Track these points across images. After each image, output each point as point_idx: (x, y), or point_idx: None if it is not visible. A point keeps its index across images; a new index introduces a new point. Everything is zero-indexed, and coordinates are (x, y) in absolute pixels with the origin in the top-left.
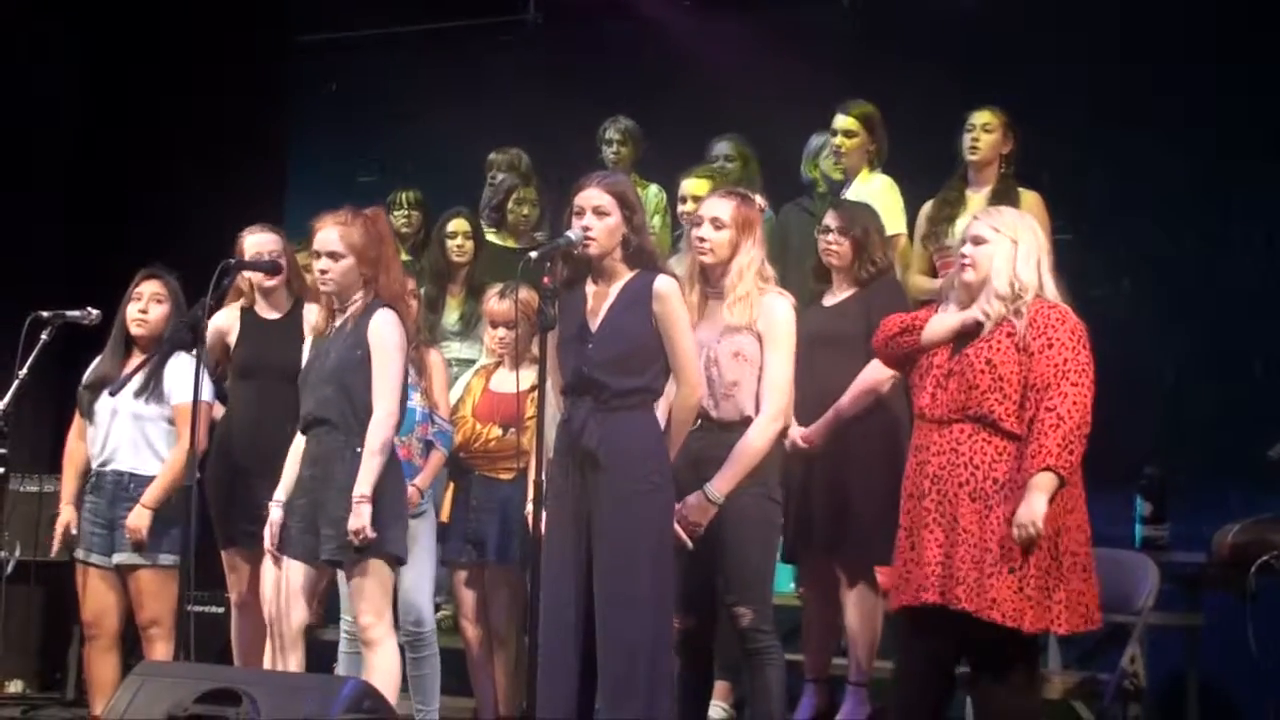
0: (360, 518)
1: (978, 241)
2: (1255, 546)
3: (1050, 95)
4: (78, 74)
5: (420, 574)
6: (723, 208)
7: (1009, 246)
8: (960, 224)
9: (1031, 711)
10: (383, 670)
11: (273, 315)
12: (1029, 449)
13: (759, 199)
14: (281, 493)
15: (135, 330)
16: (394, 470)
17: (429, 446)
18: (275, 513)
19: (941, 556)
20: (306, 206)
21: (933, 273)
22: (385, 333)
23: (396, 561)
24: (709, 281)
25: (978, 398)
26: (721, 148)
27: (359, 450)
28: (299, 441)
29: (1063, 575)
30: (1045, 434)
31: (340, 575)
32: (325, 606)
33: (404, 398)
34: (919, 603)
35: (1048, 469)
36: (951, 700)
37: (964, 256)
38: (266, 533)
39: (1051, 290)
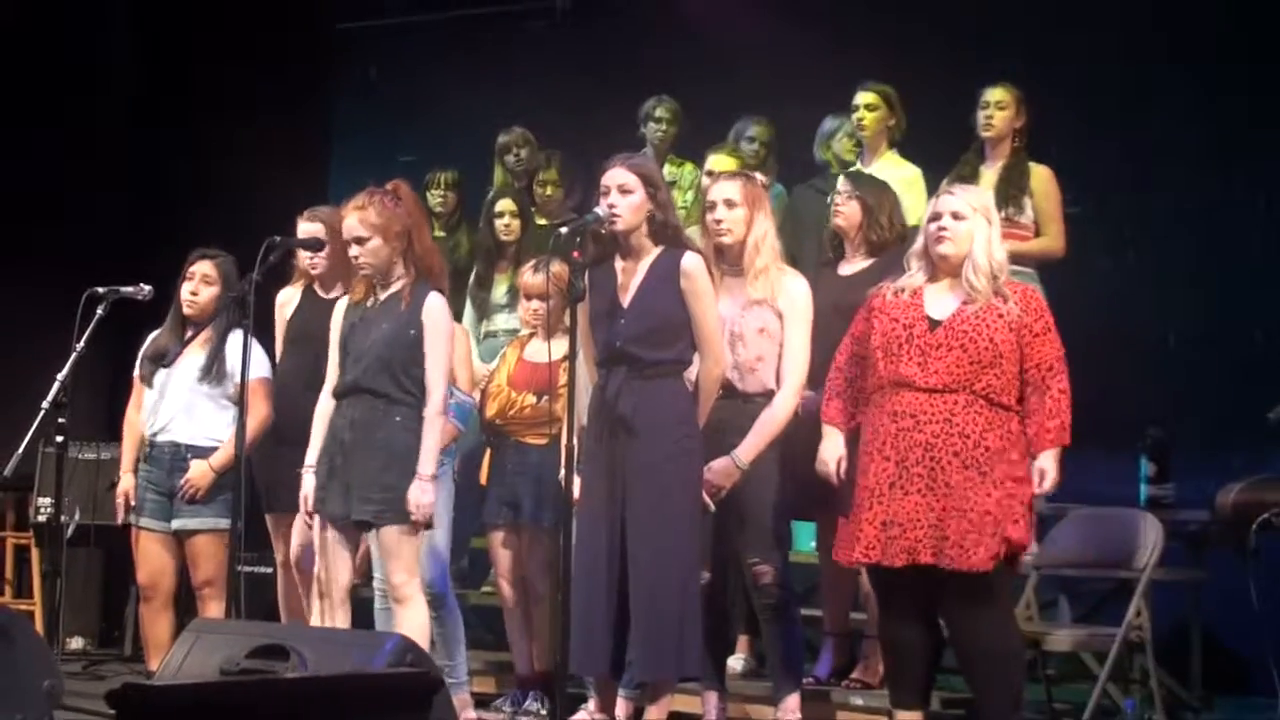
0: (427, 494)
1: (957, 217)
2: (1256, 505)
3: (1058, 69)
4: (130, 60)
5: (436, 535)
6: (732, 189)
7: (985, 226)
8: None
9: (1018, 646)
10: (413, 627)
11: (328, 295)
12: (1048, 423)
13: (760, 176)
14: (311, 457)
15: (187, 311)
16: None
17: None
18: (309, 479)
19: (934, 520)
20: (348, 186)
21: None
22: (440, 318)
23: (426, 525)
24: (726, 260)
25: (978, 371)
26: (750, 131)
27: (397, 419)
28: (327, 406)
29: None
30: (1064, 412)
31: (371, 535)
32: (368, 564)
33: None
34: (909, 564)
35: (1059, 444)
36: (943, 647)
37: (943, 229)
38: (302, 498)
39: (1008, 264)
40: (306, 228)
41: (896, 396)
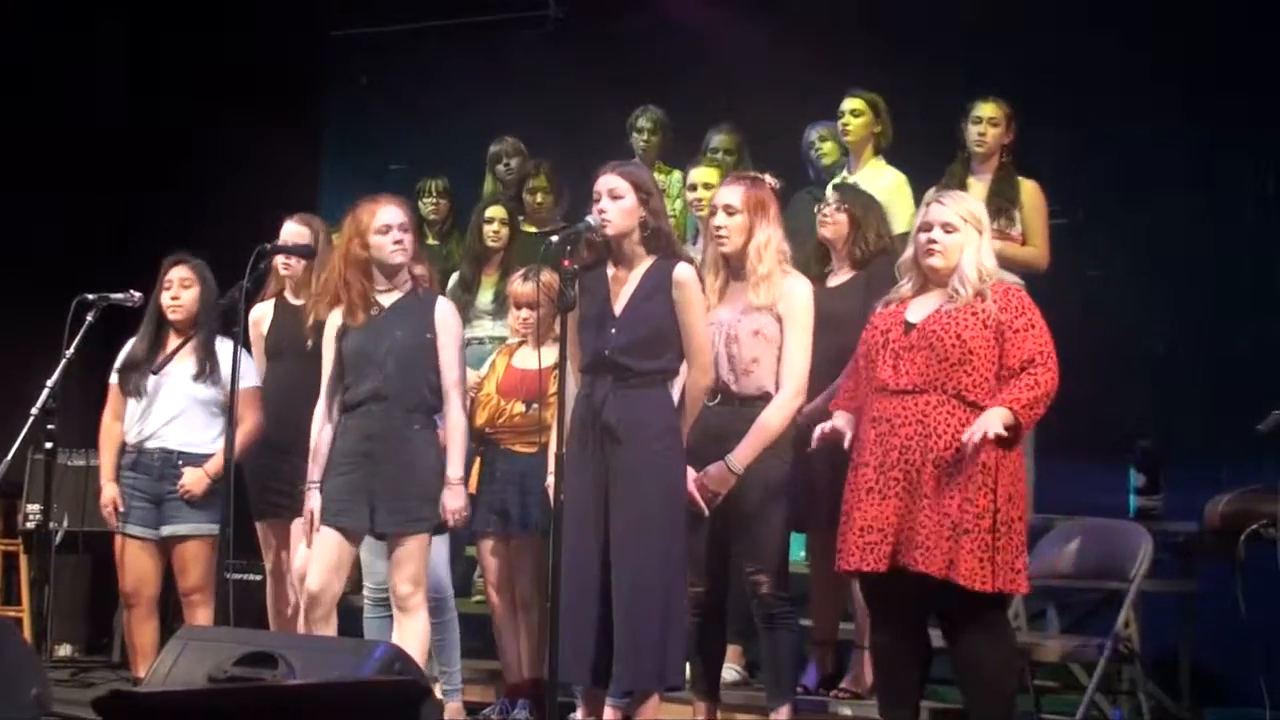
0: (460, 498)
1: (948, 229)
2: (1245, 516)
3: (1047, 81)
4: (120, 66)
5: (436, 543)
6: (733, 194)
7: (976, 237)
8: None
9: (1006, 660)
10: (416, 635)
11: (299, 301)
12: (1006, 390)
13: (769, 178)
14: (315, 474)
15: (173, 316)
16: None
17: None
18: (315, 496)
19: (906, 523)
20: (339, 194)
21: None
22: (452, 323)
23: (436, 533)
24: (729, 265)
25: (948, 370)
26: (714, 142)
27: (416, 426)
28: (328, 423)
29: (1005, 540)
30: (1020, 388)
31: (368, 544)
32: (358, 572)
33: None
34: (887, 569)
35: (1009, 409)
36: (932, 657)
37: (933, 242)
38: (306, 513)
39: (999, 270)
40: (296, 229)
41: (875, 402)
